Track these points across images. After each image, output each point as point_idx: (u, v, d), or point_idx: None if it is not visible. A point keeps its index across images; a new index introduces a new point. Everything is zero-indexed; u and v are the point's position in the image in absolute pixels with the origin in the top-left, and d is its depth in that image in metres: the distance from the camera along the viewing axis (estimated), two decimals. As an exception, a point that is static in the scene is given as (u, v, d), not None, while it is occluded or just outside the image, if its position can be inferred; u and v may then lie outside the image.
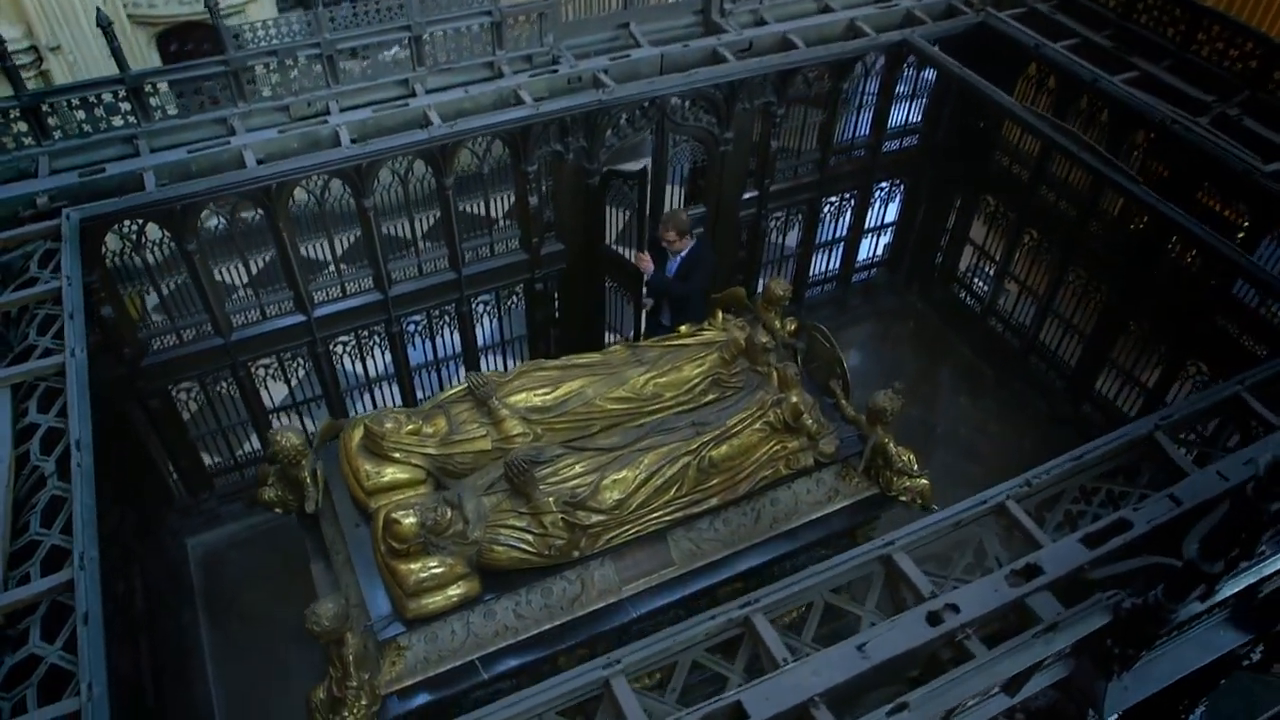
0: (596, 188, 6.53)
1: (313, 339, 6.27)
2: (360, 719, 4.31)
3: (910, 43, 6.64)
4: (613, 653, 3.23)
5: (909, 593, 3.44)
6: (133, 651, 5.14)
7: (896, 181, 8.05)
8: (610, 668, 3.17)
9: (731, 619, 3.31)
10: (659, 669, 3.36)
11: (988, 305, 8.12)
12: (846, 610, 3.57)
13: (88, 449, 3.78)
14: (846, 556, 3.54)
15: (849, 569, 3.51)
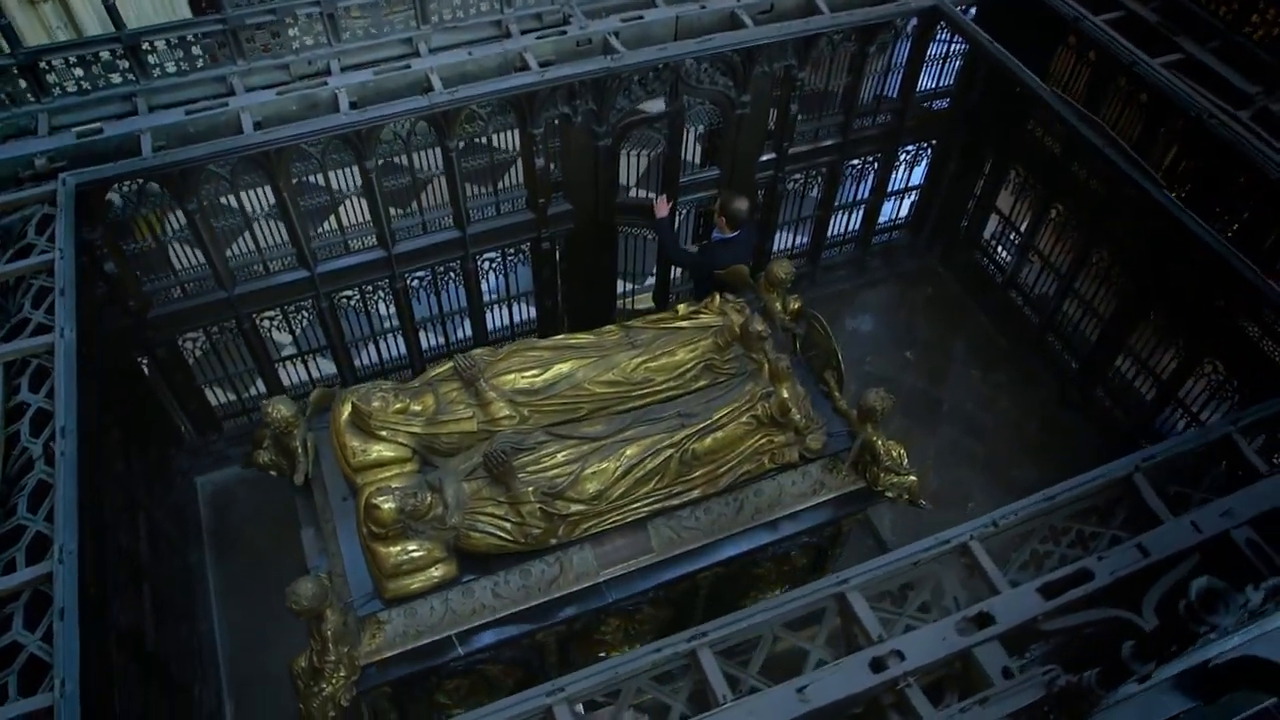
0: (606, 149, 6.38)
1: (316, 294, 6.31)
2: (338, 689, 4.50)
3: (941, 9, 6.28)
4: (558, 680, 3.32)
5: (859, 632, 3.47)
6: (135, 599, 5.37)
7: (924, 145, 7.75)
8: (554, 695, 3.26)
9: (678, 652, 3.37)
10: (605, 695, 3.45)
11: (1009, 276, 7.90)
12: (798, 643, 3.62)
13: (72, 435, 3.89)
14: (801, 592, 3.57)
15: (802, 604, 3.54)
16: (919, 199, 8.26)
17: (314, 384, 7.07)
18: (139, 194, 5.33)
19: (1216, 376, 6.17)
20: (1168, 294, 6.20)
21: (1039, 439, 7.43)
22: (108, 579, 4.95)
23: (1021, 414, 7.61)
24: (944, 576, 3.72)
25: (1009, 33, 6.65)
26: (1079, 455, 7.19)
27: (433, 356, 7.30)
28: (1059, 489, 3.84)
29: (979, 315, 8.23)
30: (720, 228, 6.25)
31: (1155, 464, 3.92)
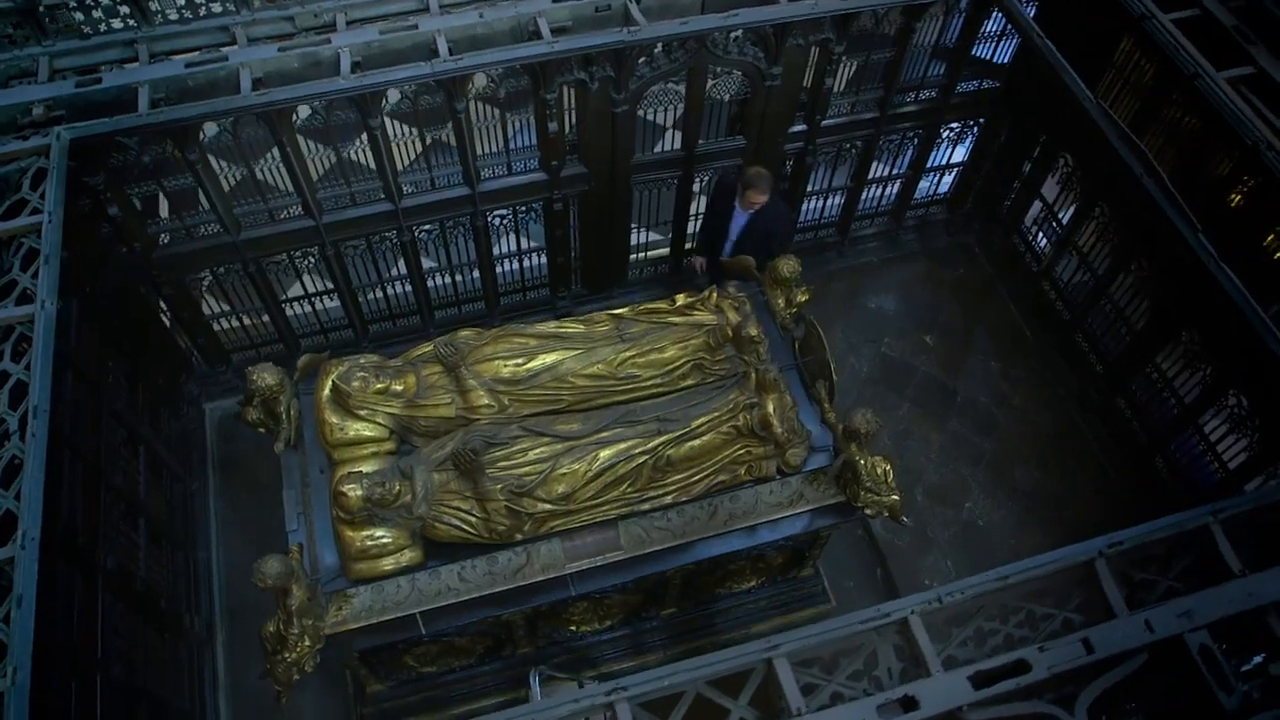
0: (624, 115, 6.13)
1: (322, 243, 6.28)
2: (301, 657, 4.67)
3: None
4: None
5: (781, 702, 3.48)
6: (129, 536, 5.60)
7: (970, 122, 7.30)
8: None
9: (595, 704, 3.42)
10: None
11: (1045, 266, 7.54)
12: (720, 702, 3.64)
13: (44, 416, 3.98)
14: (730, 653, 3.57)
15: (729, 665, 3.55)
16: (960, 176, 7.84)
17: (321, 326, 7.12)
18: (143, 144, 5.29)
19: (1240, 411, 5.89)
20: (1200, 322, 5.87)
21: (1050, 442, 7.23)
22: (99, 524, 5.17)
23: (1036, 413, 7.40)
24: (880, 645, 3.68)
25: (1075, 18, 6.16)
26: (1088, 465, 7.07)
27: (441, 303, 7.28)
28: (1014, 569, 3.73)
29: (1008, 303, 7.92)
30: (755, 203, 6.11)
31: (1122, 551, 3.78)
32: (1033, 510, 6.95)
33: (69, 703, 4.46)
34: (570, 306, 7.59)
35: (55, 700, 4.34)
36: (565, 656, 6.15)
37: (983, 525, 6.91)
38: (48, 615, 4.27)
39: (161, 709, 5.45)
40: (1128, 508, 6.76)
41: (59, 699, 4.38)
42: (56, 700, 4.36)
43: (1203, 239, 4.78)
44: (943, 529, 6.88)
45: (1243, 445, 5.99)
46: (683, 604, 6.20)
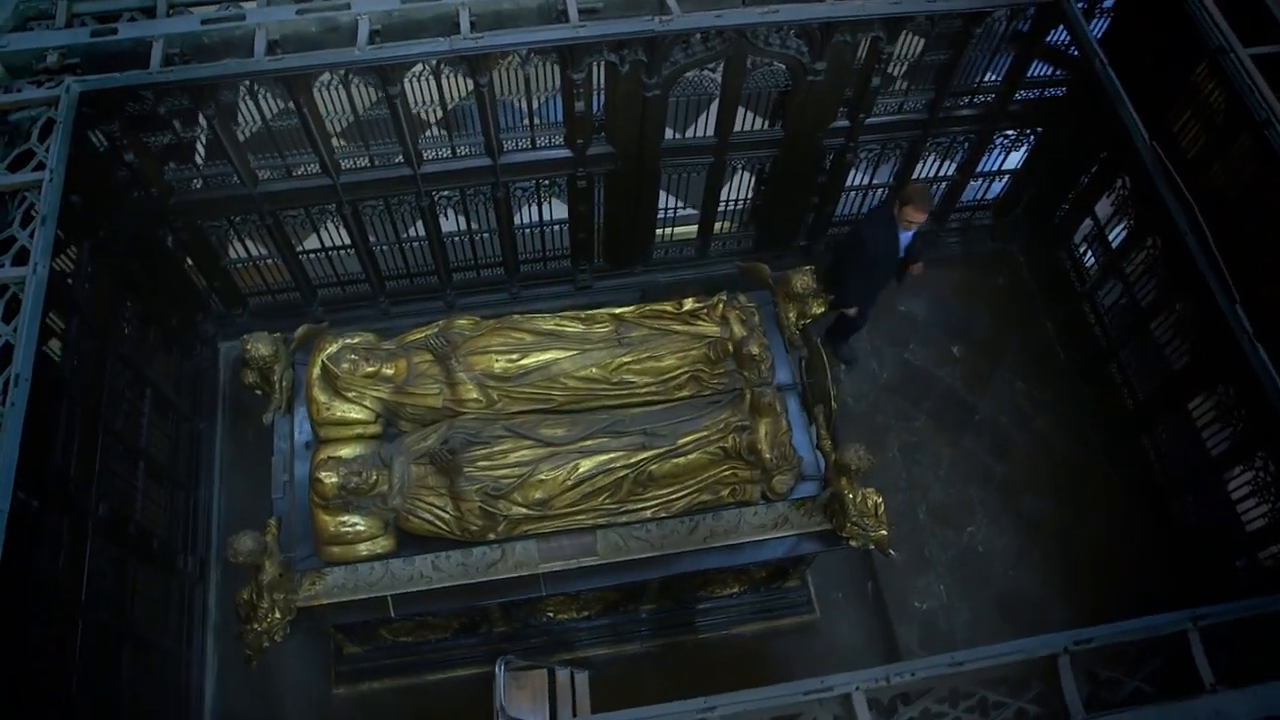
0: (656, 99, 5.88)
1: (339, 201, 6.21)
2: (270, 628, 4.76)
3: (1064, 9, 5.36)
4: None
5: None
6: (126, 479, 5.73)
7: (1026, 131, 6.88)
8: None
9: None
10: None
11: (1089, 288, 7.17)
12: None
13: (25, 384, 4.02)
14: (666, 708, 3.54)
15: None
16: (1011, 183, 7.43)
17: (338, 278, 7.10)
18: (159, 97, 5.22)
19: (1267, 475, 5.60)
20: (1236, 379, 5.54)
21: (1065, 472, 6.99)
22: (94, 470, 5.28)
23: (1055, 440, 7.14)
24: (820, 715, 3.61)
25: (1148, 38, 5.71)
26: (1101, 502, 6.84)
27: (460, 265, 7.20)
28: (971, 655, 3.61)
29: (1045, 321, 7.58)
30: (916, 224, 6.04)
31: (1089, 649, 3.63)
32: (1036, 542, 6.77)
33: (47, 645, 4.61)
34: (590, 280, 7.46)
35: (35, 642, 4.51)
36: (541, 638, 6.22)
37: (983, 551, 6.75)
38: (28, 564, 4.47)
39: (147, 649, 5.64)
40: (1135, 552, 6.57)
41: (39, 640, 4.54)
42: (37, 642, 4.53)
43: (1240, 312, 4.46)
44: (941, 550, 6.74)
45: (1264, 511, 5.72)
46: (663, 602, 6.20)
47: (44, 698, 4.53)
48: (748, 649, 6.45)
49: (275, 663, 6.00)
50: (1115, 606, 6.36)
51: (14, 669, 4.24)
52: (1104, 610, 6.38)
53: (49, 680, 4.60)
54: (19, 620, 4.33)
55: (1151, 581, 6.40)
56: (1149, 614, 6.19)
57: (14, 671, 4.24)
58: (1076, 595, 6.55)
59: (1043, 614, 6.52)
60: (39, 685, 4.50)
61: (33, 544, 4.62)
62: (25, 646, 4.43)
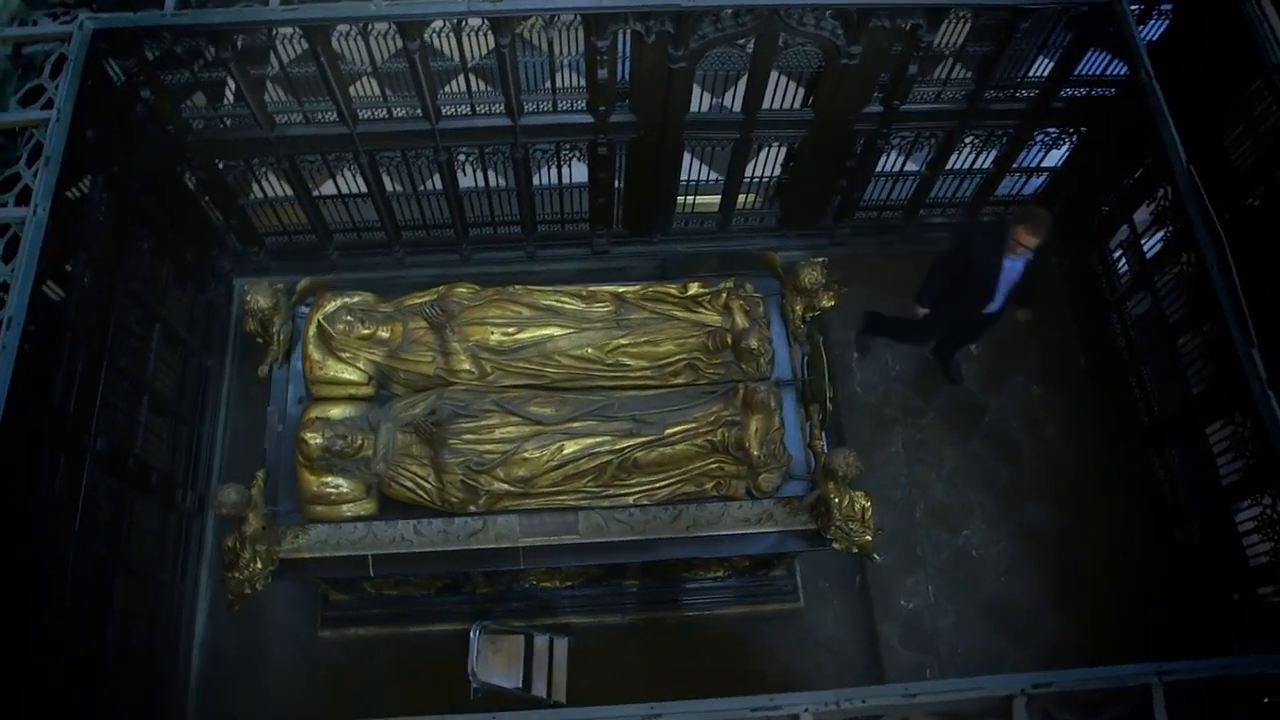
0: (681, 72, 5.71)
1: (356, 151, 6.15)
2: (252, 577, 4.84)
3: (1116, 10, 5.08)
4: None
5: (650, 771, 3.48)
6: (128, 413, 5.82)
7: (1070, 130, 6.59)
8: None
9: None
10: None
11: (1118, 296, 6.94)
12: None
13: (17, 328, 4.07)
14: (617, 710, 3.56)
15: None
16: (1049, 181, 7.16)
17: (354, 225, 7.07)
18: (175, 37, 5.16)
19: (1270, 513, 5.44)
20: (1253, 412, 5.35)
21: (1071, 484, 6.85)
22: (95, 405, 5.37)
23: (1065, 450, 6.99)
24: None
25: (1205, 48, 5.41)
26: (1104, 517, 6.72)
27: (477, 221, 7.13)
28: (925, 688, 3.58)
29: (1070, 325, 7.36)
30: (1015, 248, 5.65)
31: (1049, 694, 3.58)
32: (1033, 552, 6.68)
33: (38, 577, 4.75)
34: (608, 245, 7.37)
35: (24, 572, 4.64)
36: (524, 602, 6.29)
37: (976, 556, 6.67)
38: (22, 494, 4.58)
39: (141, 581, 5.79)
40: (1133, 572, 6.47)
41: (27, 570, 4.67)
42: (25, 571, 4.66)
43: (1256, 357, 4.27)
44: (934, 551, 6.68)
45: (1267, 549, 5.57)
46: (646, 579, 6.22)
47: (32, 627, 4.67)
48: (730, 631, 6.48)
49: (265, 602, 6.14)
50: (1106, 624, 6.38)
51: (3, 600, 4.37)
52: (1093, 628, 6.40)
53: (38, 610, 4.74)
54: (8, 553, 4.46)
55: (1146, 603, 6.31)
56: (1139, 635, 6.18)
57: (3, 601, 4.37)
58: (1067, 608, 6.49)
59: (1031, 624, 6.47)
60: (28, 614, 4.65)
61: (27, 478, 4.74)
62: (15, 578, 4.56)
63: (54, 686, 4.84)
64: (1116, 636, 6.30)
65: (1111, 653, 6.18)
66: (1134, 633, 6.28)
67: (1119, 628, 6.33)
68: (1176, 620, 6.15)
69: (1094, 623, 6.40)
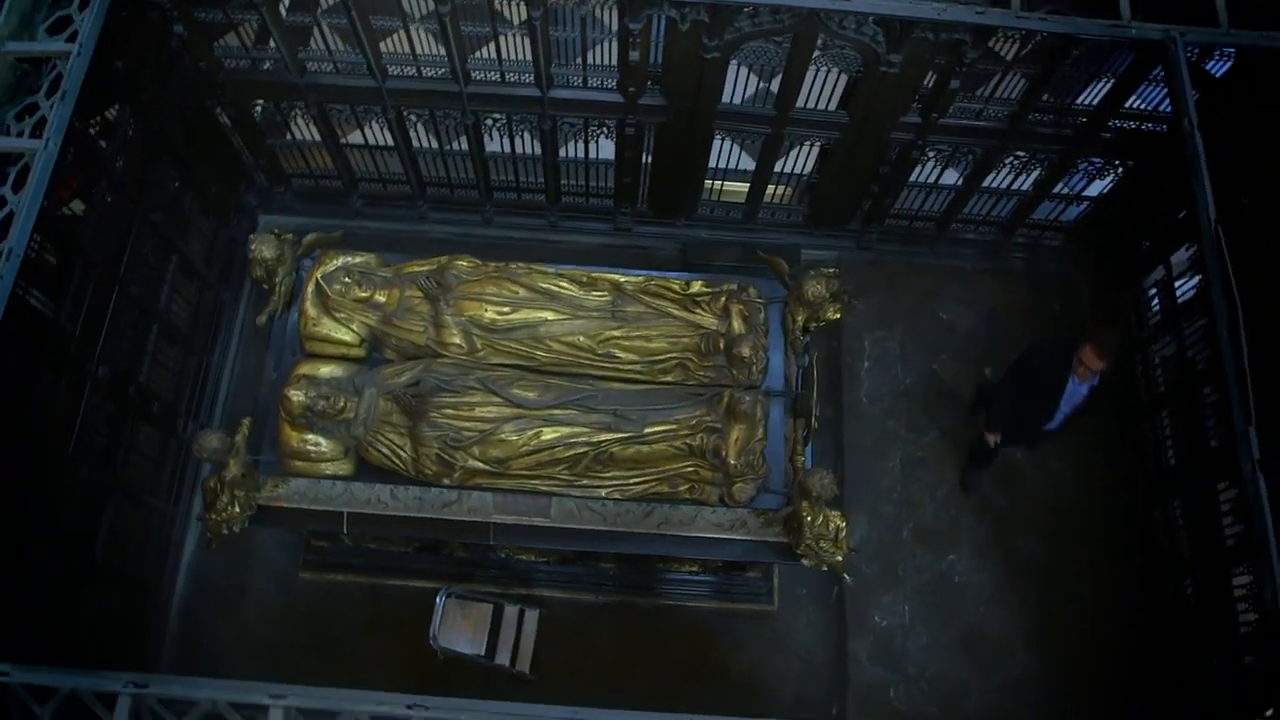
0: (715, 62, 5.58)
1: (384, 105, 6.14)
2: (230, 519, 4.96)
3: (1168, 52, 4.83)
4: None
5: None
6: (136, 341, 5.95)
7: (1115, 162, 6.33)
8: None
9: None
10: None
11: (1146, 337, 6.72)
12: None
13: (16, 259, 4.15)
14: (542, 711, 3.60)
15: None
16: (1090, 210, 6.91)
17: (380, 175, 7.08)
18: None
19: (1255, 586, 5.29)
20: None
21: (1068, 522, 6.70)
22: (100, 332, 5.49)
23: (1066, 487, 6.83)
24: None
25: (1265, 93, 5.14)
26: (1095, 560, 6.57)
27: (501, 186, 7.10)
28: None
29: (1094, 358, 7.13)
30: (1082, 371, 5.48)
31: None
32: (1017, 586, 6.58)
33: (25, 492, 4.92)
34: (631, 223, 7.30)
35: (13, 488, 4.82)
36: (499, 570, 6.37)
37: (958, 582, 6.60)
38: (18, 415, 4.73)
39: (134, 504, 5.97)
40: (1117, 620, 6.34)
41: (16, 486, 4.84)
42: (14, 487, 4.83)
43: (1252, 435, 4.11)
44: (915, 572, 6.61)
45: (1252, 620, 5.43)
46: (622, 565, 6.26)
47: (18, 539, 4.85)
48: (701, 624, 6.52)
49: (252, 536, 6.27)
50: (1079, 670, 6.30)
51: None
52: (1065, 672, 6.32)
53: (25, 524, 4.91)
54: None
55: (1123, 655, 6.20)
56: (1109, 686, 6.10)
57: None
58: (1043, 648, 6.41)
59: (1003, 658, 6.41)
60: (14, 527, 4.82)
61: (25, 399, 4.89)
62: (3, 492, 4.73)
63: (36, 597, 5.04)
64: (1087, 684, 6.22)
65: (1080, 700, 6.20)
66: (1105, 683, 6.19)
67: (1091, 675, 6.25)
68: (1152, 678, 6.05)
69: (1067, 667, 6.31)
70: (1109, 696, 6.16)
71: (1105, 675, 6.20)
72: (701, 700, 6.21)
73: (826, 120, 6.08)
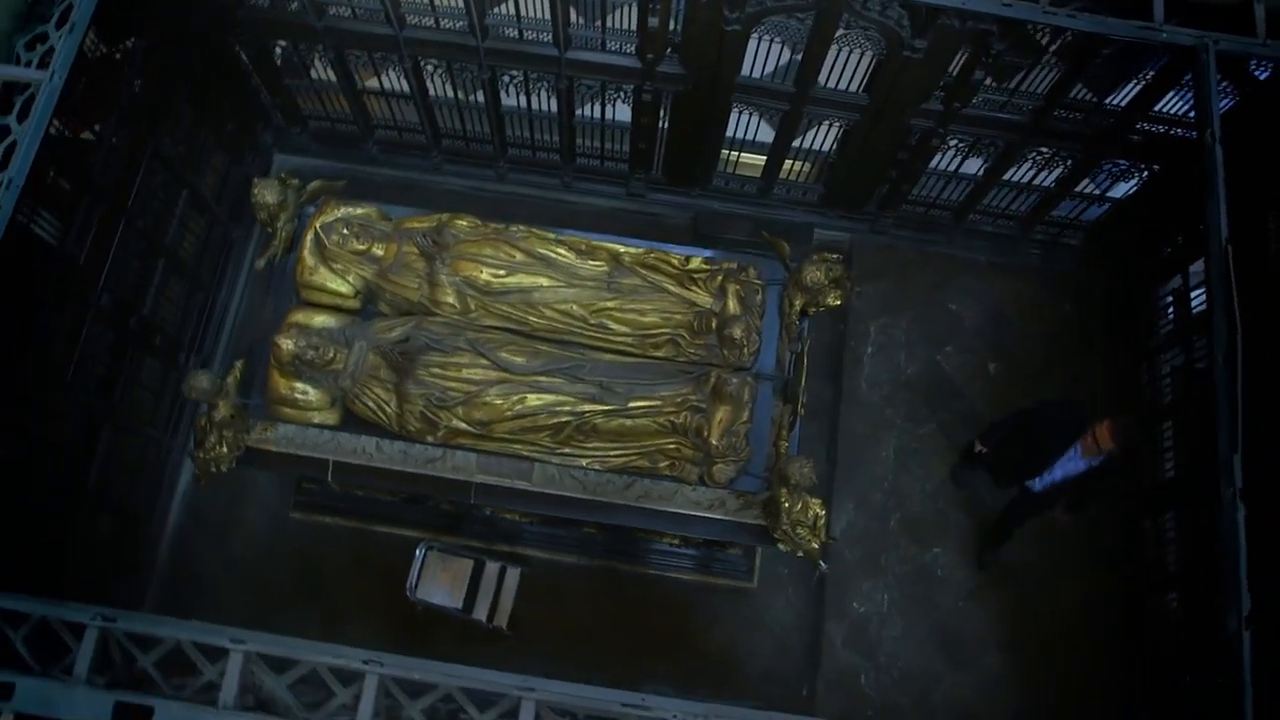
0: (735, 34, 5.47)
1: (401, 54, 6.08)
2: (217, 459, 5.04)
3: (1199, 59, 4.67)
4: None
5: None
6: (142, 272, 6.01)
7: (1142, 166, 6.17)
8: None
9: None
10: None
11: (1156, 346, 6.60)
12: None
13: (15, 190, 4.18)
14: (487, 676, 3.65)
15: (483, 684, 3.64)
16: (1111, 211, 6.75)
17: (396, 123, 7.04)
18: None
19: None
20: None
21: (1054, 527, 6.64)
22: (105, 262, 5.55)
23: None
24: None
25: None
26: (1081, 567, 6.55)
27: (516, 142, 7.05)
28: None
29: (1099, 363, 7.01)
30: (1089, 448, 5.35)
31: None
32: (1000, 586, 6.56)
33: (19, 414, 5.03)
34: (644, 189, 7.24)
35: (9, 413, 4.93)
36: (485, 527, 6.45)
37: (940, 576, 6.59)
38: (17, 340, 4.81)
39: (131, 433, 6.08)
40: (1094, 627, 6.33)
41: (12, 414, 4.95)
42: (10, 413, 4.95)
43: (1236, 463, 4.03)
44: (898, 563, 6.62)
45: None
46: (606, 531, 6.31)
47: (10, 460, 4.97)
48: (680, 595, 6.58)
49: (247, 472, 6.38)
50: (1050, 674, 6.30)
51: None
52: (1037, 675, 6.32)
53: (18, 446, 5.02)
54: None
55: (1099, 664, 6.20)
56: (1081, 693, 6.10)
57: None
58: (1018, 648, 6.41)
59: (977, 655, 6.43)
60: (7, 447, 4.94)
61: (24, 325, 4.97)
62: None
63: (24, 521, 5.17)
64: (1057, 690, 6.24)
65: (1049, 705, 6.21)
66: (1076, 692, 6.20)
67: (1063, 682, 6.25)
68: (1124, 691, 6.05)
69: (1039, 670, 6.31)
70: (1079, 704, 6.17)
71: (1077, 684, 6.21)
72: (674, 670, 6.29)
73: (846, 101, 5.97)
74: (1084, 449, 5.40)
